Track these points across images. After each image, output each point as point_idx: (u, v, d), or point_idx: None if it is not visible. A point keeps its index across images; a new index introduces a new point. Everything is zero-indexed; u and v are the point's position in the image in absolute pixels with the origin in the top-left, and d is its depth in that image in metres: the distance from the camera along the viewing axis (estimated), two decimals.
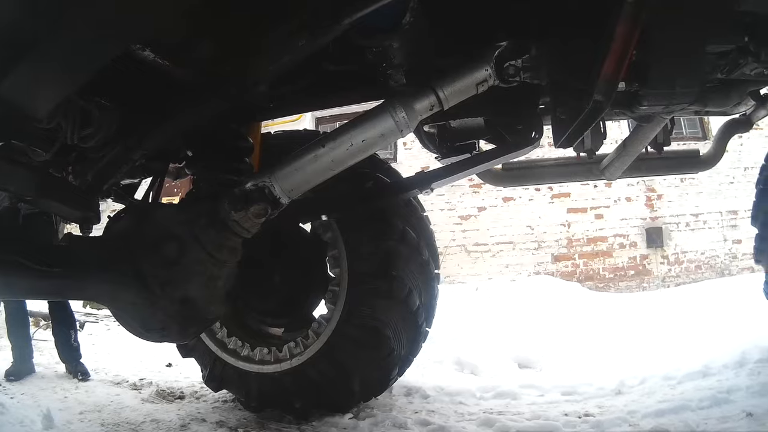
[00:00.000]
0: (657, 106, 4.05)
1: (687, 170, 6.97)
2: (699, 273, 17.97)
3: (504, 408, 5.76)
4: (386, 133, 3.57)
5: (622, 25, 3.00)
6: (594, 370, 7.19)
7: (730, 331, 8.08)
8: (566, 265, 17.81)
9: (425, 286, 5.48)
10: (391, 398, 6.06)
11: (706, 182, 18.15)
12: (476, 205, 17.99)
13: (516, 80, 3.63)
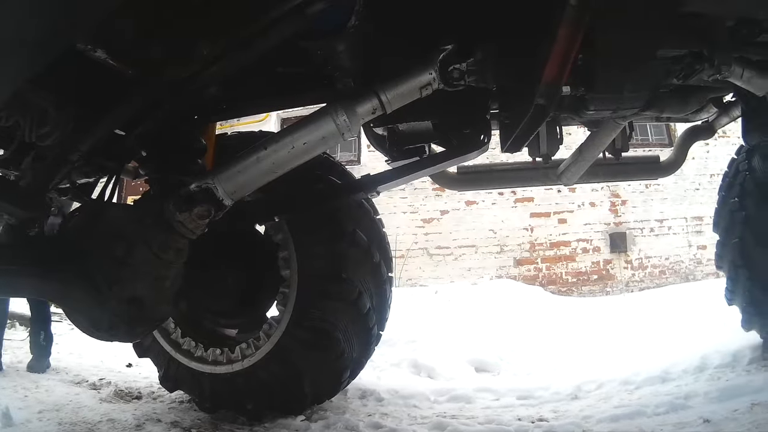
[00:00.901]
0: (605, 111, 4.04)
1: (647, 176, 6.98)
2: (663, 278, 18.10)
3: (458, 412, 5.71)
4: (327, 137, 3.59)
5: (565, 28, 2.99)
6: (552, 375, 7.16)
7: (692, 335, 8.10)
8: (529, 269, 17.86)
9: (376, 289, 5.46)
10: (346, 401, 6.03)
11: (672, 188, 18.27)
12: (439, 209, 17.97)
13: (461, 84, 3.59)
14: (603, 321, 10.75)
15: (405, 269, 17.16)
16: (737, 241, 6.15)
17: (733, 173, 6.44)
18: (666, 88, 4.39)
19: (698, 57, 3.77)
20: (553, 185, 6.21)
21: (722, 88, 4.67)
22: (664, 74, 3.96)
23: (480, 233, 17.92)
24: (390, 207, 17.43)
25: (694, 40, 3.68)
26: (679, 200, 18.22)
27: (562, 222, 18.12)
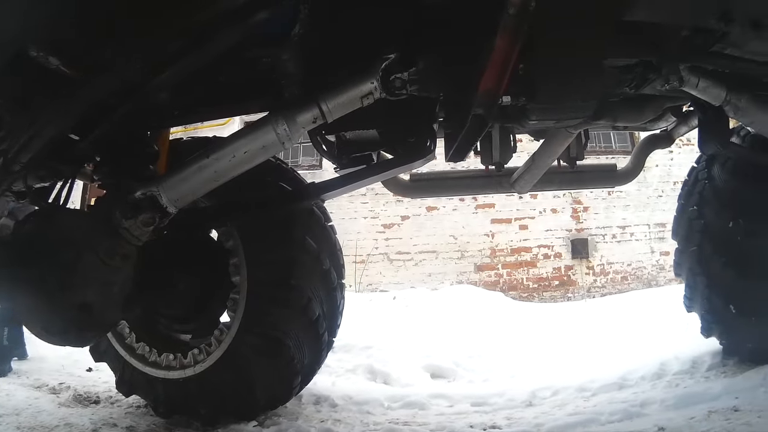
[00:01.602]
0: (548, 121, 4.10)
1: (603, 185, 7.02)
2: (625, 284, 18.21)
3: (410, 418, 5.71)
4: (268, 146, 3.72)
5: (502, 37, 2.96)
6: (508, 381, 7.15)
7: (652, 342, 8.12)
8: (489, 274, 17.87)
9: (326, 296, 5.45)
10: (300, 406, 5.99)
11: (635, 195, 18.37)
12: (400, 214, 17.98)
13: (403, 93, 3.63)
14: (563, 327, 10.78)
15: (365, 274, 17.18)
16: (695, 249, 6.20)
17: (693, 181, 6.47)
18: (618, 97, 4.40)
19: (649, 66, 3.83)
20: (506, 193, 6.19)
21: (679, 97, 4.69)
22: (614, 83, 4.01)
23: (440, 239, 17.94)
24: (350, 212, 17.50)
25: (642, 50, 3.73)
26: (642, 207, 18.32)
27: (523, 228, 18.17)
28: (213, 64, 3.45)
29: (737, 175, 5.87)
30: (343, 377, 7.27)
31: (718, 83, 4.24)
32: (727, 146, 5.20)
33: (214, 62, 3.43)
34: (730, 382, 5.74)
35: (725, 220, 5.85)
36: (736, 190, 5.85)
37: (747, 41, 3.74)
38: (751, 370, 5.82)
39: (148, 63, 3.30)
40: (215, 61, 3.42)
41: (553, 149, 5.23)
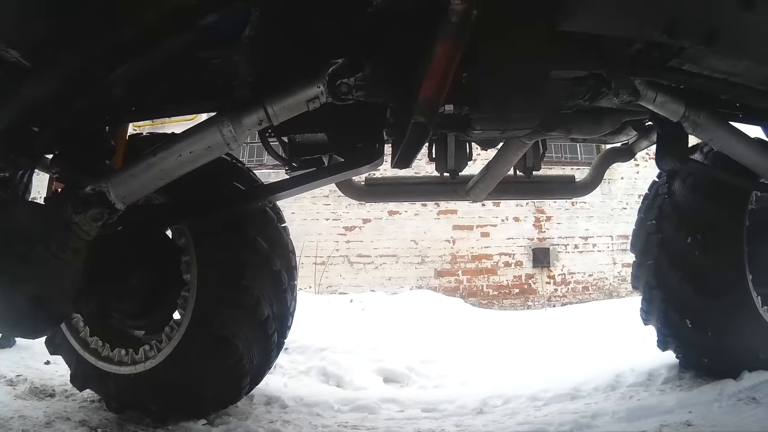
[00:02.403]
0: (492, 131, 4.12)
1: (561, 196, 7.06)
2: (586, 294, 18.49)
3: (359, 422, 5.69)
4: (213, 146, 3.76)
5: (443, 46, 2.99)
6: (460, 388, 7.13)
7: (609, 352, 8.15)
8: (449, 280, 17.99)
9: (276, 297, 5.41)
10: (251, 406, 5.95)
11: (599, 207, 18.61)
12: (361, 217, 18.06)
13: (349, 98, 3.63)
14: (521, 335, 10.78)
15: (325, 276, 17.19)
16: (652, 263, 6.21)
17: (653, 195, 6.49)
18: (571, 109, 4.38)
19: (601, 79, 3.84)
20: (461, 201, 6.20)
21: (638, 111, 4.72)
22: (566, 95, 4.03)
23: (401, 243, 18.07)
24: (313, 213, 17.65)
25: (591, 63, 3.74)
26: (605, 219, 18.48)
27: (484, 235, 18.33)
28: (166, 62, 3.47)
29: (697, 191, 5.90)
30: (295, 378, 7.25)
31: (676, 99, 4.28)
32: (686, 162, 5.24)
33: (167, 61, 3.45)
34: (685, 395, 5.75)
35: (683, 235, 5.88)
36: (696, 206, 5.89)
37: (704, 57, 3.80)
38: (708, 385, 5.84)
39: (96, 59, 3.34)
40: (168, 60, 3.44)
41: (507, 158, 5.25)
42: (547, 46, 3.42)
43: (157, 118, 5.03)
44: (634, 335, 7.74)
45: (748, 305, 5.89)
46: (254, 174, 5.75)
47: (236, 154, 5.71)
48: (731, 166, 5.18)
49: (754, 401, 5.34)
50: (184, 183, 4.05)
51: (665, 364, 6.66)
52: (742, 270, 5.82)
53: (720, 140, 4.80)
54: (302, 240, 16.67)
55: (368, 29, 3.57)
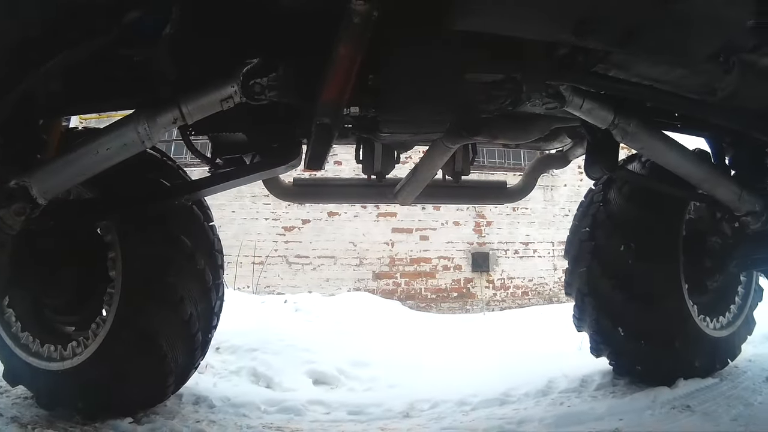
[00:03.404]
0: (401, 134, 4.21)
1: (491, 201, 7.13)
2: (526, 299, 18.75)
3: (285, 424, 5.66)
4: (129, 144, 3.78)
5: (345, 47, 3.00)
6: (389, 391, 7.12)
7: (543, 358, 8.13)
8: (387, 283, 18.11)
9: (201, 296, 5.35)
10: (179, 406, 5.88)
11: (540, 213, 18.91)
12: (301, 218, 18.10)
13: (263, 99, 3.64)
14: (457, 339, 10.77)
15: (264, 276, 17.15)
16: (585, 270, 6.21)
17: (588, 203, 6.51)
18: (492, 113, 4.26)
19: (516, 83, 3.81)
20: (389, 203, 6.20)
21: (569, 118, 4.65)
22: (485, 99, 3.97)
23: (340, 245, 18.15)
24: (252, 213, 17.71)
25: (506, 66, 3.71)
26: (547, 225, 18.65)
27: (424, 239, 18.51)
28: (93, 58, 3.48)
29: (632, 200, 5.93)
30: (225, 379, 7.17)
31: (605, 106, 4.24)
32: (614, 171, 5.26)
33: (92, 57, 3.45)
34: (617, 402, 5.77)
35: (616, 243, 5.89)
36: (630, 215, 5.91)
37: (633, 63, 3.78)
38: (641, 392, 5.85)
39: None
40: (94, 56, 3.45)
41: (433, 162, 5.20)
42: (459, 48, 3.41)
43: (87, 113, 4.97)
44: (571, 341, 7.73)
45: (684, 314, 5.95)
46: (183, 171, 5.69)
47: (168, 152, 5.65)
48: (669, 176, 5.15)
49: (689, 409, 5.35)
50: (112, 178, 4.10)
51: (599, 371, 6.69)
52: (677, 279, 5.87)
53: (651, 149, 4.81)
54: (241, 239, 16.91)
55: (280, 29, 3.56)
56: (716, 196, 5.14)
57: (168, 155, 5.66)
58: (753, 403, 5.45)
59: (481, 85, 3.89)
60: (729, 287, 6.73)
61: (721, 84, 3.98)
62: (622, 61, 3.78)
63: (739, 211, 5.26)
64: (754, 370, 6.71)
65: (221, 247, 5.79)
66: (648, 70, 3.87)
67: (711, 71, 3.86)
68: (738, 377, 6.40)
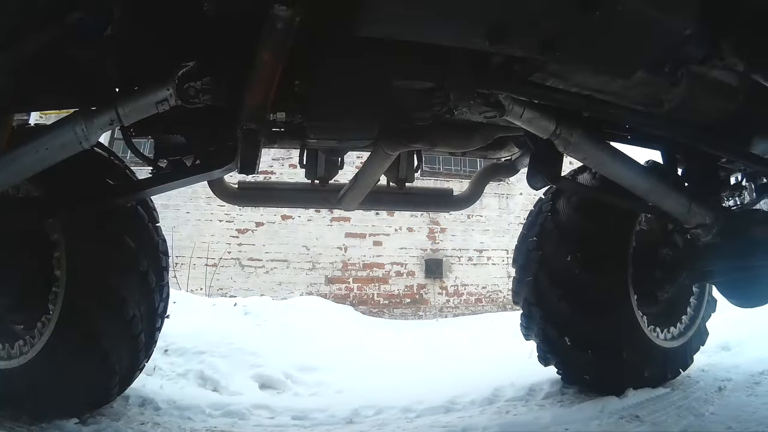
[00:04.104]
0: (328, 140, 4.25)
1: (436, 209, 7.12)
2: (479, 306, 18.68)
3: (229, 427, 5.64)
4: (67, 144, 3.77)
5: (268, 52, 3.03)
6: (334, 396, 7.10)
7: (492, 365, 8.13)
8: (340, 287, 17.98)
9: (143, 298, 5.27)
10: (126, 407, 5.82)
11: (495, 221, 18.97)
12: (255, 220, 17.96)
13: (197, 102, 3.64)
14: (408, 344, 10.85)
15: (217, 278, 17.04)
16: (531, 280, 6.22)
17: (537, 212, 6.53)
18: (426, 120, 4.25)
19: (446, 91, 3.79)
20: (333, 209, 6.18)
21: (513, 127, 4.60)
22: (419, 107, 3.98)
23: (293, 248, 18.02)
24: (207, 214, 17.54)
25: (429, 74, 3.71)
26: (501, 233, 18.68)
27: (377, 244, 18.42)
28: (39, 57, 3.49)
29: (580, 211, 5.95)
30: (173, 381, 7.11)
31: (546, 115, 4.21)
32: (557, 181, 5.25)
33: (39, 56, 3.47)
34: (564, 412, 5.75)
35: (563, 253, 5.90)
36: (577, 225, 5.93)
37: (572, 72, 3.75)
38: (589, 402, 5.85)
39: None
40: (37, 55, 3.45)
41: (374, 169, 5.17)
42: (385, 55, 3.42)
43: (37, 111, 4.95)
44: (521, 348, 7.64)
45: (632, 324, 5.97)
46: (130, 171, 5.60)
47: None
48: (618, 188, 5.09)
49: (637, 419, 5.33)
50: (59, 176, 4.14)
51: (548, 379, 6.67)
52: (625, 290, 5.88)
53: (595, 160, 4.77)
54: (195, 240, 16.91)
55: (213, 33, 3.56)
56: (663, 208, 5.14)
57: (116, 154, 5.61)
58: (704, 414, 5.42)
59: (413, 93, 3.90)
60: (681, 298, 6.77)
61: (668, 96, 4.01)
62: (559, 71, 3.74)
63: (689, 223, 5.27)
64: (707, 380, 6.71)
65: (166, 249, 5.73)
66: (588, 80, 3.85)
67: (657, 82, 3.88)
68: (690, 387, 6.41)
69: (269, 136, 4.44)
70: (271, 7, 2.77)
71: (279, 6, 2.75)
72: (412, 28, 3.01)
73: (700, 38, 3.49)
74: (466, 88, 3.76)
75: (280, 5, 2.75)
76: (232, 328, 9.49)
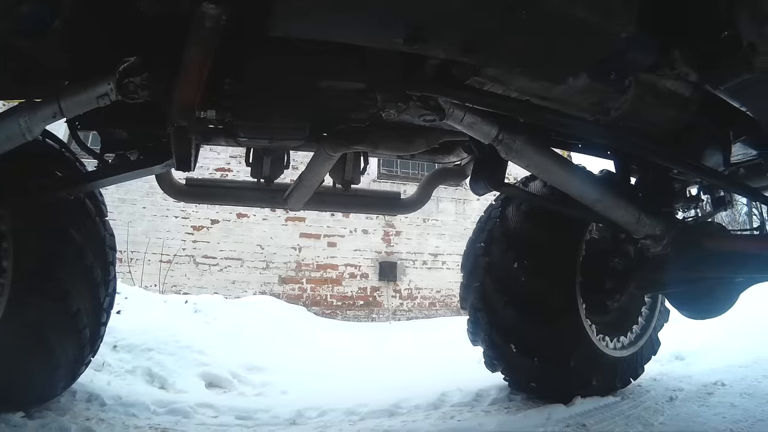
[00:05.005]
0: (259, 140, 4.28)
1: (384, 212, 7.09)
2: (433, 309, 18.84)
3: (172, 425, 5.62)
4: (11, 136, 3.77)
5: (196, 50, 3.05)
6: (280, 397, 7.10)
7: (441, 369, 8.20)
8: (293, 288, 18.03)
9: (88, 292, 5.23)
10: (73, 402, 5.77)
11: (451, 225, 19.22)
12: (210, 217, 17.96)
13: (137, 97, 3.63)
14: (359, 347, 10.89)
15: (171, 275, 17.00)
16: (478, 285, 6.25)
17: (486, 218, 6.61)
18: (362, 122, 4.27)
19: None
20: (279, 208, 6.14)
21: (460, 131, 4.51)
22: (354, 108, 4.01)
23: (247, 247, 18.03)
24: (163, 210, 17.48)
25: (362, 75, 3.70)
26: (457, 237, 18.74)
27: (331, 245, 18.50)
28: None
29: (529, 218, 5.99)
30: (121, 377, 7.06)
31: (488, 120, 4.17)
32: (500, 188, 5.25)
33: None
34: (509, 419, 5.75)
35: (510, 259, 5.92)
36: (524, 232, 5.97)
37: (511, 77, 3.67)
38: (535, 409, 5.87)
39: None
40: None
41: (316, 170, 5.15)
42: (313, 56, 3.48)
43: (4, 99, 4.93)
44: (472, 353, 7.59)
45: (580, 333, 6.01)
46: (81, 163, 5.51)
47: None
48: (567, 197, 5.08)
49: (584, 428, 5.33)
50: (7, 166, 4.12)
51: (496, 385, 6.70)
52: (572, 298, 5.93)
53: (539, 167, 4.72)
54: (151, 236, 16.90)
55: (152, 30, 3.56)
56: (611, 218, 5.12)
57: (67, 146, 5.52)
58: (653, 423, 5.42)
59: (346, 94, 3.91)
60: (632, 308, 6.84)
61: (615, 104, 3.96)
62: (499, 75, 3.65)
63: (638, 234, 5.27)
64: (658, 389, 6.74)
65: (114, 243, 5.68)
66: (529, 85, 3.76)
67: (602, 90, 3.82)
68: (641, 396, 6.43)
69: (203, 133, 4.47)
70: (199, 6, 2.78)
71: (207, 4, 2.76)
72: (323, 28, 3.02)
73: (645, 45, 3.48)
74: (394, 90, 3.76)
75: (209, 3, 2.76)
76: (181, 325, 9.46)
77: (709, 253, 5.31)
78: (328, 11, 2.85)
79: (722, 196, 5.98)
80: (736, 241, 5.80)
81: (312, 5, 2.83)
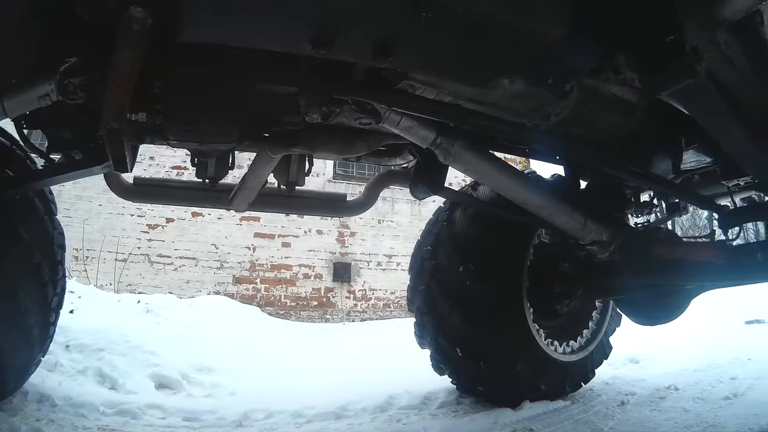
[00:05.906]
0: (189, 142, 4.23)
1: (329, 213, 7.11)
2: (387, 311, 18.93)
3: (120, 426, 5.61)
4: None
5: (124, 53, 3.04)
6: (228, 399, 7.08)
7: (391, 371, 8.25)
8: (247, 288, 18.01)
9: (36, 292, 5.16)
10: (24, 403, 5.74)
11: (406, 227, 19.33)
12: (165, 216, 17.84)
13: (77, 98, 3.60)
14: (311, 348, 10.90)
15: (126, 274, 16.84)
16: (424, 288, 6.33)
17: (434, 221, 6.66)
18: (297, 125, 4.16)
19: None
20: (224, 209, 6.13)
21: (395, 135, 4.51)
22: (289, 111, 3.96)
23: (202, 246, 17.99)
24: (119, 208, 17.24)
25: (291, 79, 3.70)
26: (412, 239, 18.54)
27: (285, 245, 18.49)
28: None
29: (476, 222, 6.05)
30: (72, 378, 6.99)
31: (425, 124, 4.17)
32: (439, 192, 5.21)
33: None
34: (455, 423, 5.78)
35: (456, 263, 5.97)
36: (470, 236, 6.02)
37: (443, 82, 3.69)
38: (482, 413, 5.91)
39: None
40: None
41: (258, 171, 5.14)
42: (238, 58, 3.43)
43: None
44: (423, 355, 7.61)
45: (527, 337, 6.07)
46: (32, 161, 5.44)
47: None
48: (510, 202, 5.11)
49: None
50: None
51: (444, 388, 6.73)
52: (519, 302, 5.99)
53: (478, 172, 4.74)
54: (106, 234, 16.77)
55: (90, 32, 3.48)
56: (556, 223, 5.17)
57: (18, 143, 5.33)
58: (603, 428, 5.44)
59: (276, 97, 3.88)
60: (582, 312, 6.92)
61: (555, 109, 3.95)
62: (429, 79, 3.67)
63: (584, 239, 5.36)
64: (609, 393, 6.81)
65: (63, 242, 5.63)
66: (461, 89, 3.76)
67: (540, 94, 3.80)
68: (591, 401, 6.50)
69: (137, 135, 4.40)
70: (128, 9, 2.78)
71: (134, 8, 2.77)
72: (227, 34, 3.01)
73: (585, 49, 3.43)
74: (316, 94, 3.79)
75: (136, 7, 2.76)
76: (132, 325, 9.38)
77: (658, 260, 5.38)
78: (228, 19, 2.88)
79: (677, 202, 6.00)
80: (685, 249, 5.79)
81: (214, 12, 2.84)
